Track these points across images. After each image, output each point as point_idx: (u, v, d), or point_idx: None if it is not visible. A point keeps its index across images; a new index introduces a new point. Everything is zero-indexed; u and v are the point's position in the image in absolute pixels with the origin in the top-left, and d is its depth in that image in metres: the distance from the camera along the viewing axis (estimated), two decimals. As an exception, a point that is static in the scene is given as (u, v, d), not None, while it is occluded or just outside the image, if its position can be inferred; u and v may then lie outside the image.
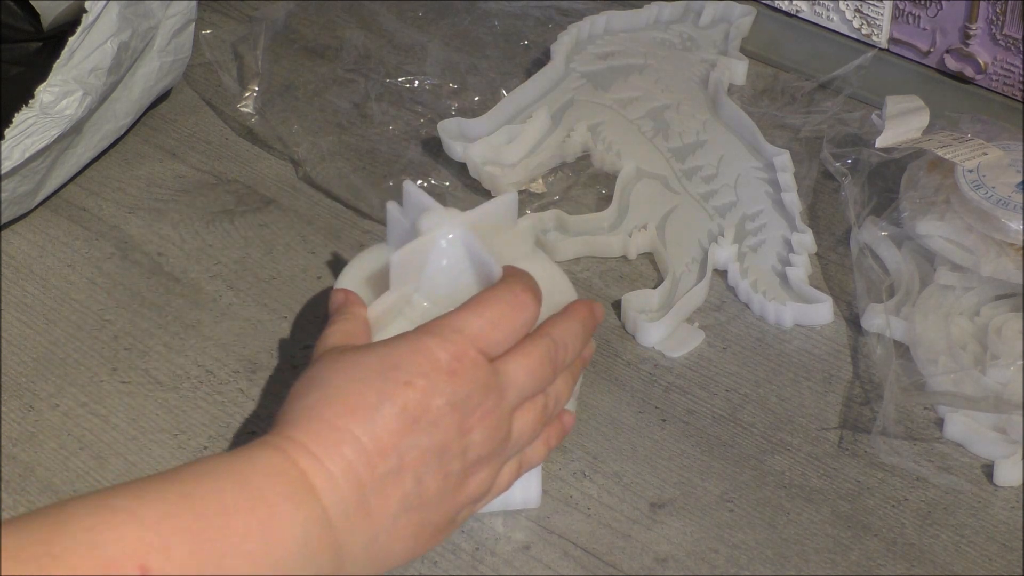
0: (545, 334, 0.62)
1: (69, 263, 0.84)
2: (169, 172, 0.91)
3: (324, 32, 1.02)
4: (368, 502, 0.56)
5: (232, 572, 0.51)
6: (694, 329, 0.79)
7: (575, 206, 0.87)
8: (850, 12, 0.95)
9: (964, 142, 0.81)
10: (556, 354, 0.62)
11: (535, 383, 0.61)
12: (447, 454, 0.58)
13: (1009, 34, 0.89)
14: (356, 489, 0.55)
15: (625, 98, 0.94)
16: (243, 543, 0.51)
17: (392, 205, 0.70)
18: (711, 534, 0.68)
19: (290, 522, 0.53)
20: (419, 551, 0.59)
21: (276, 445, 0.55)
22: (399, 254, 0.66)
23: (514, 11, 1.02)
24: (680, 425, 0.74)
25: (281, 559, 0.53)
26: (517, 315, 0.61)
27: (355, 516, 0.55)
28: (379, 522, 0.56)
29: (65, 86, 0.81)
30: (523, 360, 0.61)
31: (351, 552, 0.55)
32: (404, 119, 0.94)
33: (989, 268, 0.76)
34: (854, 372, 0.77)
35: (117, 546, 0.49)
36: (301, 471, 0.54)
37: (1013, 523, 0.69)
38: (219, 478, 0.53)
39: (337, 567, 0.55)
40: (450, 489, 0.59)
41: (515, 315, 0.61)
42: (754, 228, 0.84)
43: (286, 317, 0.80)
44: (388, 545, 0.57)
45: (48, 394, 0.76)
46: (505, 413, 0.60)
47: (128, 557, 0.49)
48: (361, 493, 0.55)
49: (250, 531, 0.52)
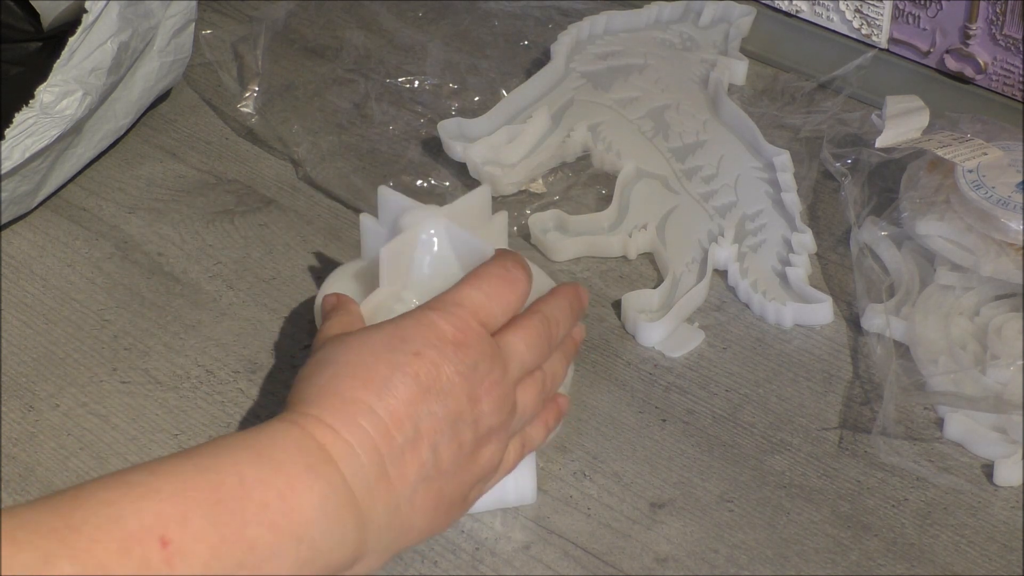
0: (537, 311, 0.64)
1: (69, 263, 0.84)
2: (169, 172, 0.91)
3: (324, 32, 1.02)
4: (388, 472, 0.56)
5: (254, 542, 0.51)
6: (694, 329, 0.79)
7: (575, 206, 0.87)
8: (850, 12, 0.95)
9: (964, 142, 0.81)
10: (550, 329, 0.64)
11: (534, 356, 0.63)
12: (460, 422, 0.59)
13: (1009, 34, 0.89)
14: (375, 459, 0.56)
15: (625, 98, 0.94)
16: (263, 513, 0.52)
17: (366, 217, 0.71)
18: (711, 534, 0.68)
19: (309, 492, 0.53)
20: (437, 526, 0.60)
21: (292, 420, 0.56)
22: (387, 249, 0.67)
23: (514, 11, 1.02)
24: (680, 425, 0.74)
25: (303, 529, 0.53)
26: (511, 289, 0.62)
27: (376, 486, 0.56)
28: (399, 492, 0.57)
29: (65, 86, 0.81)
30: (521, 333, 0.62)
31: (374, 522, 0.56)
32: (404, 119, 0.94)
33: (989, 268, 0.76)
34: (854, 372, 0.77)
35: (136, 518, 0.49)
36: (319, 443, 0.55)
37: (1013, 523, 0.69)
38: (236, 452, 0.53)
39: (361, 537, 0.55)
40: (464, 460, 0.60)
41: (510, 289, 0.62)
42: (754, 228, 0.84)
43: (286, 317, 0.80)
44: (409, 516, 0.58)
45: (48, 394, 0.76)
46: (510, 384, 0.61)
47: (148, 530, 0.49)
48: (380, 463, 0.56)
49: (269, 501, 0.52)
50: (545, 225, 0.85)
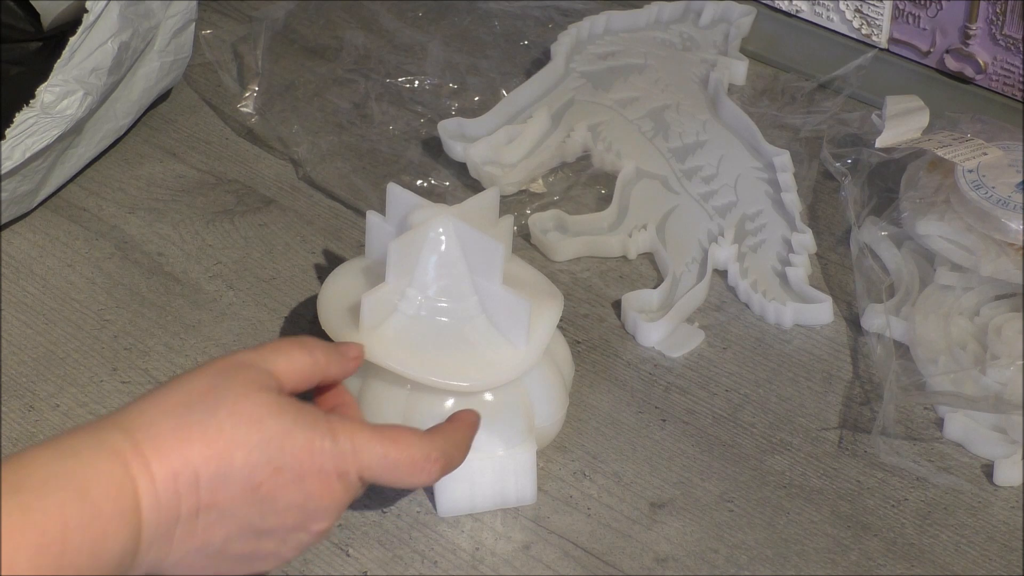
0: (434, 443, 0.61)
1: (69, 263, 0.84)
2: (169, 172, 0.91)
3: (324, 32, 1.02)
4: (173, 533, 0.56)
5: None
6: (694, 329, 0.79)
7: (575, 206, 0.87)
8: (850, 12, 0.95)
9: (964, 142, 0.81)
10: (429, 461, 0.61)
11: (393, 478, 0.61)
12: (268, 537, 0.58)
13: (1009, 34, 0.89)
14: (170, 520, 0.56)
15: (625, 98, 0.94)
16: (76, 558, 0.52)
17: (372, 214, 0.71)
18: (711, 534, 0.68)
19: (115, 540, 0.54)
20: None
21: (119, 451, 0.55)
22: (396, 244, 0.66)
23: (514, 11, 1.02)
24: (680, 425, 0.74)
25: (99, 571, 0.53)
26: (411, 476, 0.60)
27: (158, 542, 0.56)
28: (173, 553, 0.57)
29: (66, 86, 0.81)
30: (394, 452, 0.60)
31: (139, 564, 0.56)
32: (404, 119, 0.94)
33: (989, 268, 0.76)
34: (854, 372, 0.77)
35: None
36: (134, 488, 0.54)
37: (1013, 523, 0.69)
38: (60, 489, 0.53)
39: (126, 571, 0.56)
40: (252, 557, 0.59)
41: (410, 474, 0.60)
42: (754, 228, 0.84)
43: (286, 317, 0.80)
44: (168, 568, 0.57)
45: (48, 394, 0.76)
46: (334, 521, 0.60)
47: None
48: (172, 525, 0.56)
49: (83, 547, 0.53)
50: (545, 225, 0.85)
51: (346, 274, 0.73)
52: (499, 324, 0.67)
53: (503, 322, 0.67)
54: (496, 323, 0.68)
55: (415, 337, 0.67)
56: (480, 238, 0.66)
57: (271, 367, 0.59)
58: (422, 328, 0.67)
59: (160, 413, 0.56)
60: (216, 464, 0.56)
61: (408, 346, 0.67)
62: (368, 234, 0.72)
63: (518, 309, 0.67)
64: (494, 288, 0.67)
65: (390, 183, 0.71)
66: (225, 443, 0.56)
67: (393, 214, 0.71)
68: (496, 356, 0.67)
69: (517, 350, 0.67)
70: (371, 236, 0.72)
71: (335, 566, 0.67)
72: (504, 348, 0.67)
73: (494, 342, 0.67)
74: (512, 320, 0.67)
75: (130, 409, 0.57)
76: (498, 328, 0.67)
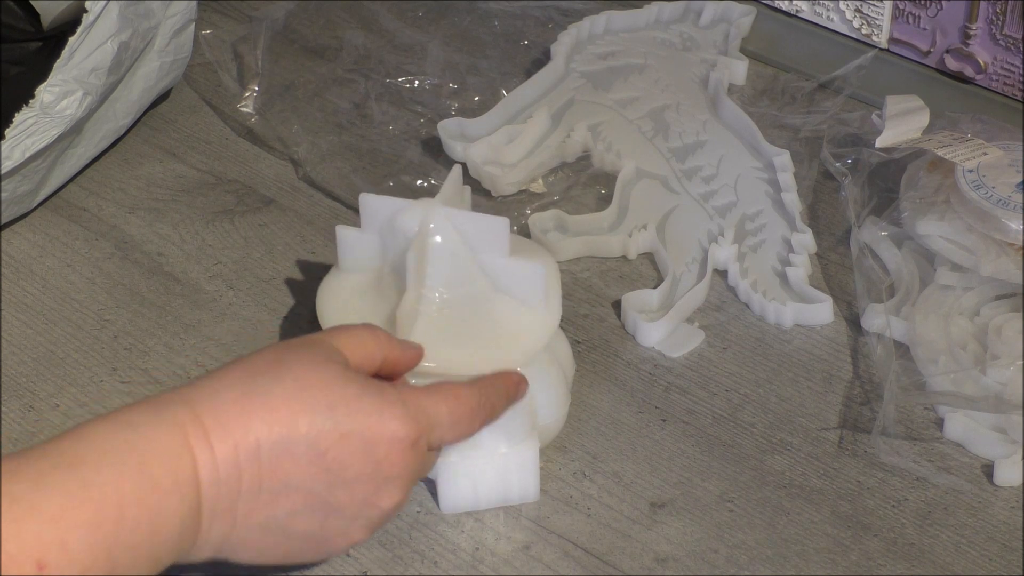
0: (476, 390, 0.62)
1: (69, 263, 0.84)
2: (169, 172, 0.91)
3: (324, 32, 1.02)
4: (236, 509, 0.55)
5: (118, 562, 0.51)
6: (694, 329, 0.79)
7: (575, 206, 0.87)
8: (850, 12, 0.95)
9: (964, 142, 0.81)
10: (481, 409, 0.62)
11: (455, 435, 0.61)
12: (335, 513, 0.57)
13: (1009, 34, 0.89)
14: (232, 493, 0.54)
15: (625, 98, 0.94)
16: (132, 534, 0.51)
17: (343, 228, 0.71)
18: (711, 534, 0.68)
19: (173, 514, 0.53)
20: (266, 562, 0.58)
21: (180, 423, 0.54)
22: (414, 253, 0.67)
23: (514, 11, 1.02)
24: (680, 425, 0.74)
25: (158, 550, 0.52)
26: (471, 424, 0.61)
27: (220, 517, 0.55)
28: (237, 530, 0.56)
29: (65, 86, 0.81)
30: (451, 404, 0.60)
31: (203, 542, 0.55)
32: (404, 119, 0.94)
33: (989, 268, 0.76)
34: (854, 372, 0.77)
35: (15, 542, 0.48)
36: (193, 461, 0.53)
37: (1013, 523, 0.69)
38: (119, 463, 0.52)
39: (188, 551, 0.55)
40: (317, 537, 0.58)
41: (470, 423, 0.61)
42: (754, 228, 0.84)
43: (286, 317, 0.80)
44: (234, 548, 0.56)
45: (48, 394, 0.76)
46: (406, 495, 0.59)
47: (26, 554, 0.49)
48: (234, 499, 0.55)
49: (140, 522, 0.51)
50: (545, 225, 0.85)
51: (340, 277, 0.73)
52: (516, 294, 0.68)
53: (520, 291, 0.68)
54: (514, 294, 0.68)
55: (445, 333, 0.67)
56: (482, 218, 0.68)
57: (338, 344, 0.59)
58: (446, 322, 0.68)
59: (223, 386, 0.55)
60: (279, 431, 0.54)
61: (441, 343, 0.67)
62: (340, 247, 0.71)
63: (532, 275, 0.68)
64: (503, 261, 0.68)
65: (363, 194, 0.70)
66: (289, 410, 0.55)
67: (370, 224, 0.70)
68: (521, 326, 0.68)
69: (539, 314, 0.69)
70: (345, 249, 0.71)
71: (335, 566, 0.67)
72: (526, 316, 0.68)
73: (516, 313, 0.68)
74: (528, 287, 0.68)
75: (195, 383, 0.56)
76: (517, 298, 0.68)
